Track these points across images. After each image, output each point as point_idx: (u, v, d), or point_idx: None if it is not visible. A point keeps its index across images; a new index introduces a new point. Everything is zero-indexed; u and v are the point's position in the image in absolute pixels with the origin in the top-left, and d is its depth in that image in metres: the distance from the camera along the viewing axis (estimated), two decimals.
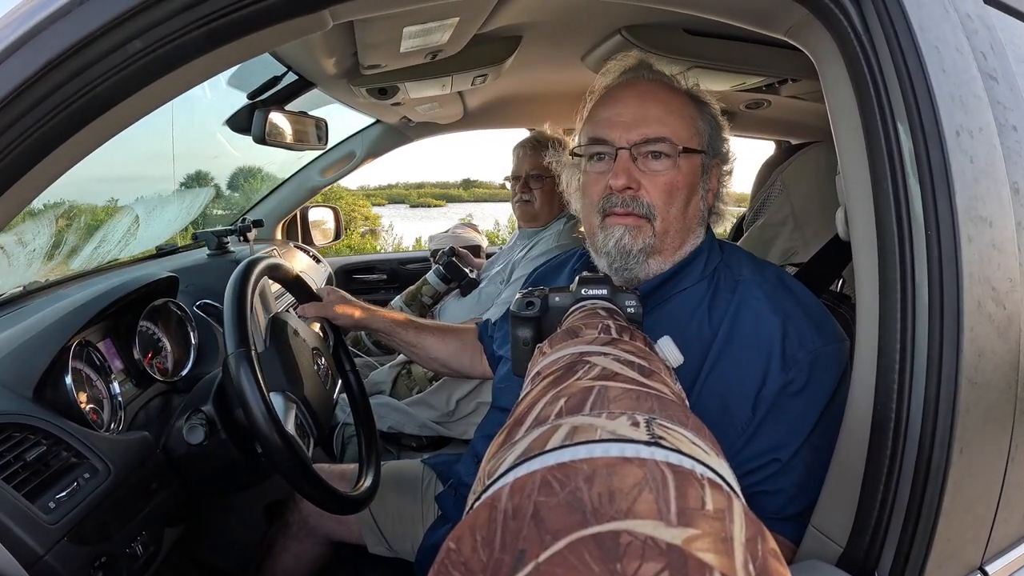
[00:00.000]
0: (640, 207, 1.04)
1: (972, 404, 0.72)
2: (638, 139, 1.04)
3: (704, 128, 1.09)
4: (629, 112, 1.06)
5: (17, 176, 0.66)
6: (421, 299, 2.57)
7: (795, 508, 0.91)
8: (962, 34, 0.79)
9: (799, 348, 0.95)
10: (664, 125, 1.04)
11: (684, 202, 1.06)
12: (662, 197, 1.04)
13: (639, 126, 1.04)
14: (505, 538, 0.25)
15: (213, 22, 0.67)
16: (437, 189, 34.20)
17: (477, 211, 13.27)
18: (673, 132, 1.04)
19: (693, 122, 1.07)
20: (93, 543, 0.95)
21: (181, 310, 1.55)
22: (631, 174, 1.04)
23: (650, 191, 1.04)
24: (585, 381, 0.43)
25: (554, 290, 0.85)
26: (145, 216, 2.80)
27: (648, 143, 1.04)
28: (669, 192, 1.04)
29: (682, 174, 1.05)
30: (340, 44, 1.46)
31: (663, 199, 1.04)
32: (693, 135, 1.07)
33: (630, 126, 1.04)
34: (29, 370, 1.06)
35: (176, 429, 1.16)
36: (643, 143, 1.04)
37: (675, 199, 1.05)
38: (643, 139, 1.04)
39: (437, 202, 30.11)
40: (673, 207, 1.05)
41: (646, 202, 1.04)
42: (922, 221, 0.72)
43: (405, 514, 1.42)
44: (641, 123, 1.04)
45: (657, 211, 1.04)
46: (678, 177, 1.04)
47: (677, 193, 1.05)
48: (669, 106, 1.06)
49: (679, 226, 1.07)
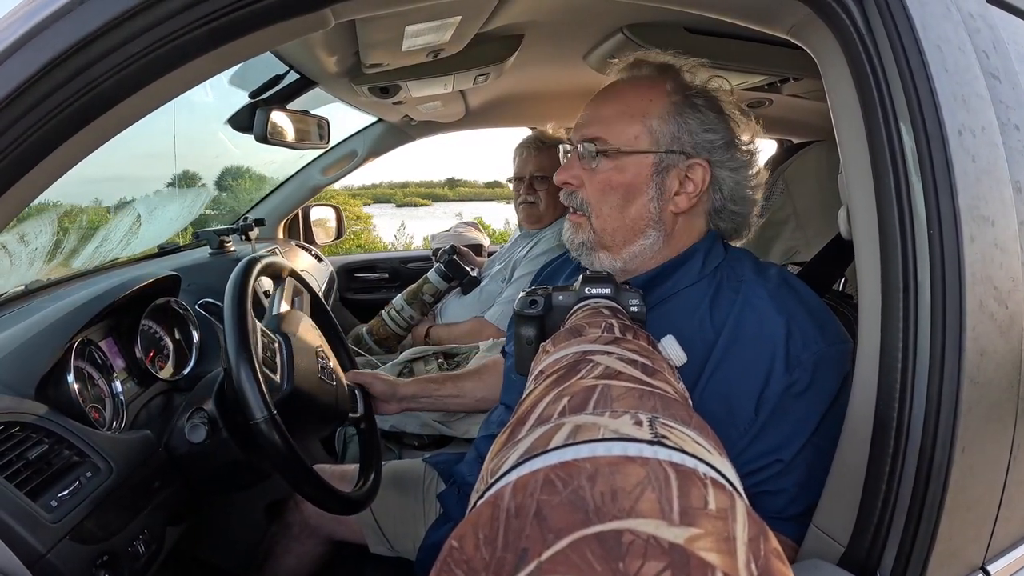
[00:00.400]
0: (576, 203, 1.11)
1: (974, 403, 0.72)
2: (579, 138, 1.09)
3: (669, 128, 1.06)
4: (588, 111, 1.10)
5: (18, 175, 0.66)
6: (422, 297, 2.57)
7: (797, 508, 0.91)
8: (964, 33, 0.79)
9: (803, 349, 0.94)
10: (605, 126, 1.06)
11: (621, 201, 1.07)
12: (595, 195, 1.08)
13: (586, 126, 1.09)
14: (508, 537, 0.25)
15: (214, 21, 0.66)
16: (422, 188, 34.49)
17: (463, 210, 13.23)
18: (613, 133, 1.06)
19: (651, 121, 1.05)
20: (95, 542, 0.95)
21: (183, 309, 1.55)
22: (573, 171, 1.09)
23: (588, 189, 1.08)
24: (588, 380, 0.43)
25: (557, 289, 0.85)
26: (147, 215, 2.80)
27: (586, 142, 1.07)
28: (602, 191, 1.07)
29: (622, 175, 1.06)
30: (342, 43, 1.46)
31: (596, 197, 1.08)
32: (642, 135, 1.05)
33: (581, 125, 1.10)
34: (31, 369, 1.06)
35: (178, 428, 1.16)
36: (583, 141, 1.08)
37: (608, 198, 1.07)
38: (582, 138, 1.08)
39: (423, 202, 30.25)
40: (606, 206, 1.07)
41: (581, 198, 1.10)
42: (924, 220, 0.72)
43: (407, 513, 1.42)
44: (589, 123, 1.08)
45: (592, 208, 1.08)
46: (614, 177, 1.06)
47: (611, 192, 1.07)
48: (629, 105, 1.07)
49: (617, 224, 1.08)
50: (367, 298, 3.24)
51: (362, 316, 3.06)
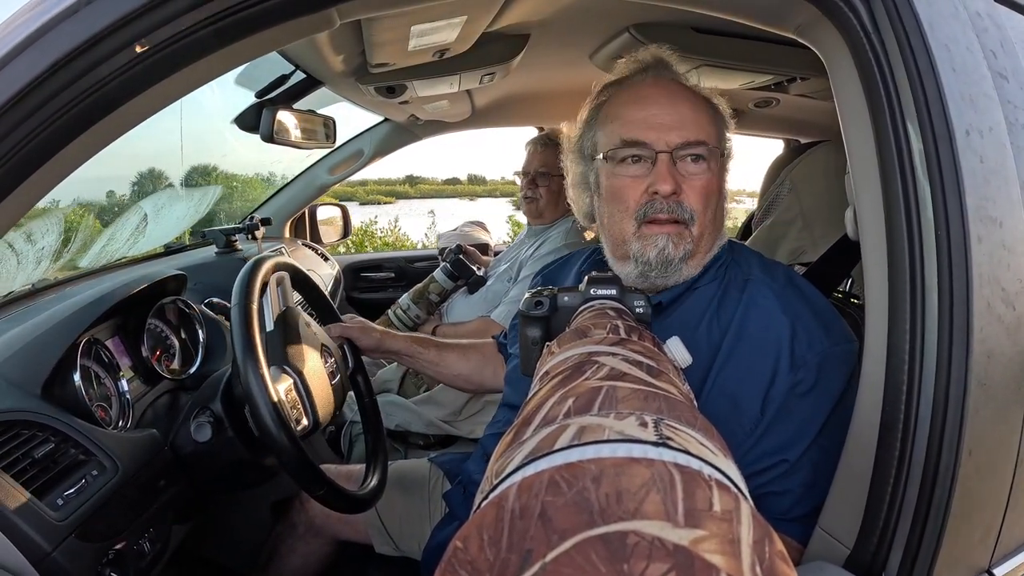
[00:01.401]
0: (683, 213, 1.02)
1: (981, 406, 0.71)
2: (679, 142, 1.02)
3: (721, 129, 1.08)
4: (665, 113, 1.03)
5: (26, 175, 0.66)
6: (428, 297, 2.57)
7: (802, 509, 0.91)
8: (972, 33, 0.78)
9: (808, 349, 0.94)
10: (699, 127, 1.03)
11: (716, 204, 1.05)
12: (701, 201, 1.03)
13: (677, 128, 1.02)
14: (512, 537, 0.25)
15: (220, 21, 0.67)
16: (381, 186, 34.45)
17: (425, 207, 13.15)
18: (707, 134, 1.03)
19: (716, 123, 1.07)
20: (101, 540, 0.95)
21: (189, 308, 1.55)
22: (674, 179, 1.01)
23: (689, 196, 1.02)
24: (593, 381, 0.43)
25: (563, 290, 0.85)
26: (153, 214, 2.81)
27: (688, 146, 1.02)
28: (706, 196, 1.03)
29: (715, 177, 1.04)
30: (348, 42, 1.47)
31: (702, 203, 1.03)
32: (719, 137, 1.06)
33: (669, 128, 1.02)
34: (38, 368, 1.06)
35: (184, 427, 1.16)
36: (683, 147, 1.02)
37: (711, 202, 1.04)
38: (684, 142, 1.02)
39: (387, 199, 30.19)
40: (709, 210, 1.04)
41: (688, 207, 1.02)
42: (932, 221, 0.71)
43: (412, 513, 1.42)
44: (678, 125, 1.02)
45: (696, 216, 1.03)
46: (713, 180, 1.04)
47: (712, 196, 1.04)
48: (696, 107, 1.05)
49: (711, 229, 1.06)
50: (373, 297, 3.24)
51: (368, 315, 3.04)
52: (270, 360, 1.11)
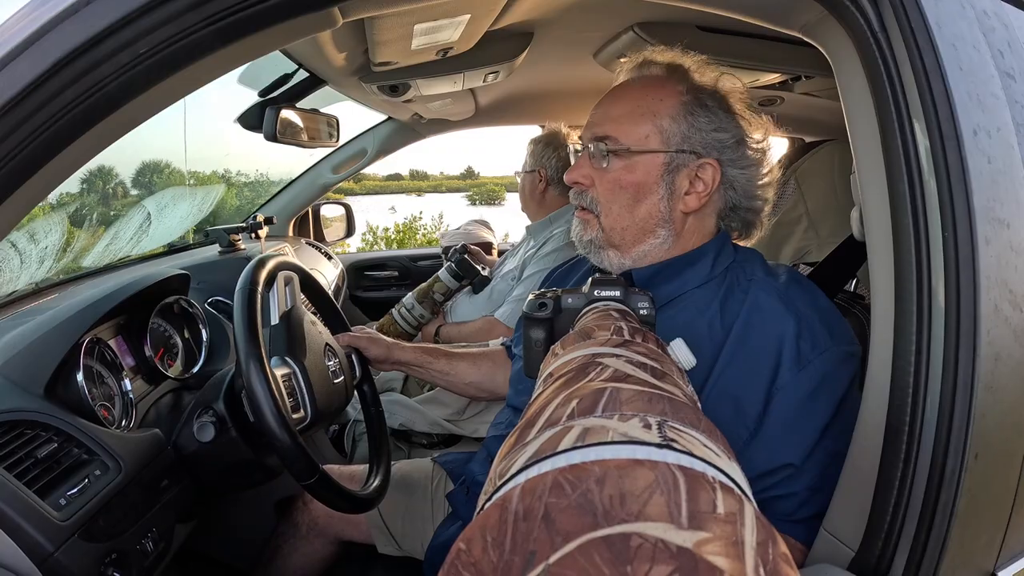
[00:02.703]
0: (585, 201, 1.11)
1: (988, 409, 0.71)
2: (590, 137, 1.09)
3: (680, 128, 1.05)
4: (598, 111, 1.11)
5: (27, 176, 0.66)
6: (433, 296, 2.57)
7: (807, 511, 0.91)
8: (979, 32, 0.78)
9: (811, 350, 0.94)
10: (616, 125, 1.07)
11: (631, 200, 1.07)
12: (605, 195, 1.08)
13: (596, 125, 1.09)
14: (516, 539, 0.25)
15: (221, 20, 0.66)
16: None
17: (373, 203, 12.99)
18: (623, 132, 1.06)
19: (662, 121, 1.05)
20: (104, 540, 0.95)
21: (192, 307, 1.55)
22: (584, 170, 1.10)
23: (598, 188, 1.09)
24: (597, 383, 0.43)
25: (567, 291, 0.85)
26: (156, 213, 2.81)
27: (597, 141, 1.07)
28: (612, 190, 1.07)
29: (632, 174, 1.06)
30: (351, 41, 1.46)
31: (606, 196, 1.08)
32: (653, 135, 1.05)
33: (592, 124, 1.10)
34: (41, 367, 1.06)
35: (187, 427, 1.16)
36: (593, 141, 1.08)
37: (618, 197, 1.07)
38: (593, 137, 1.08)
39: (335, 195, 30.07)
40: (616, 205, 1.08)
41: (591, 197, 1.10)
42: (939, 222, 0.71)
43: (415, 514, 1.42)
44: (599, 122, 1.09)
45: (601, 207, 1.09)
46: (624, 176, 1.06)
47: (621, 192, 1.07)
48: (640, 104, 1.06)
49: (627, 223, 1.08)
50: (377, 296, 3.25)
51: (372, 314, 3.07)
52: (272, 352, 1.12)
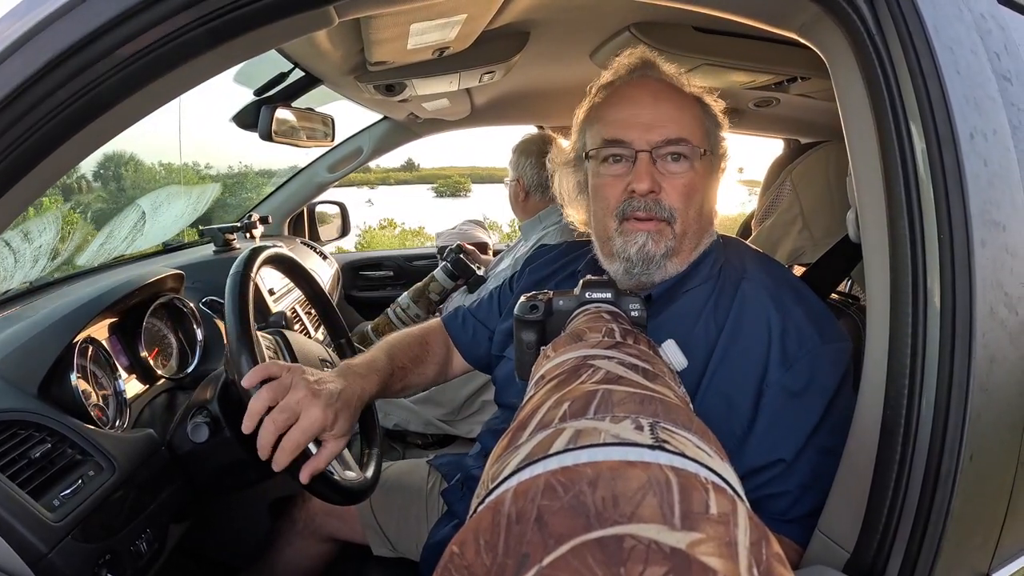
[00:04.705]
0: (662, 211, 1.03)
1: (983, 410, 0.71)
2: (659, 140, 1.02)
3: (710, 128, 1.09)
4: (646, 113, 1.04)
5: (19, 175, 0.66)
6: (429, 296, 2.57)
7: (800, 510, 0.91)
8: (976, 34, 0.78)
9: (799, 347, 0.95)
10: (681, 126, 1.03)
11: (700, 203, 1.06)
12: (682, 200, 1.03)
13: (658, 127, 1.02)
14: (508, 542, 0.25)
15: (215, 19, 0.66)
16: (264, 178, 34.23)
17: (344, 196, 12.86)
18: (690, 133, 1.03)
19: (703, 122, 1.07)
20: (98, 540, 0.95)
21: (187, 307, 1.55)
22: (653, 177, 1.02)
23: (670, 194, 1.03)
24: (589, 385, 0.43)
25: (558, 293, 0.85)
26: (151, 212, 2.81)
27: (668, 144, 1.02)
28: (688, 194, 1.03)
29: (699, 175, 1.04)
30: (347, 41, 1.46)
31: (683, 202, 1.03)
32: (704, 136, 1.06)
33: (649, 127, 1.03)
34: (34, 367, 1.06)
35: (181, 427, 1.16)
36: (663, 145, 1.02)
37: (693, 201, 1.04)
38: (664, 140, 1.02)
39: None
40: (691, 209, 1.04)
41: (667, 205, 1.03)
42: (935, 224, 0.71)
43: (410, 515, 1.42)
44: (659, 124, 1.02)
45: (678, 214, 1.03)
46: (695, 179, 1.04)
47: (695, 195, 1.04)
48: (681, 106, 1.06)
49: (696, 227, 1.06)
50: (372, 296, 3.24)
51: (367, 314, 3.06)
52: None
